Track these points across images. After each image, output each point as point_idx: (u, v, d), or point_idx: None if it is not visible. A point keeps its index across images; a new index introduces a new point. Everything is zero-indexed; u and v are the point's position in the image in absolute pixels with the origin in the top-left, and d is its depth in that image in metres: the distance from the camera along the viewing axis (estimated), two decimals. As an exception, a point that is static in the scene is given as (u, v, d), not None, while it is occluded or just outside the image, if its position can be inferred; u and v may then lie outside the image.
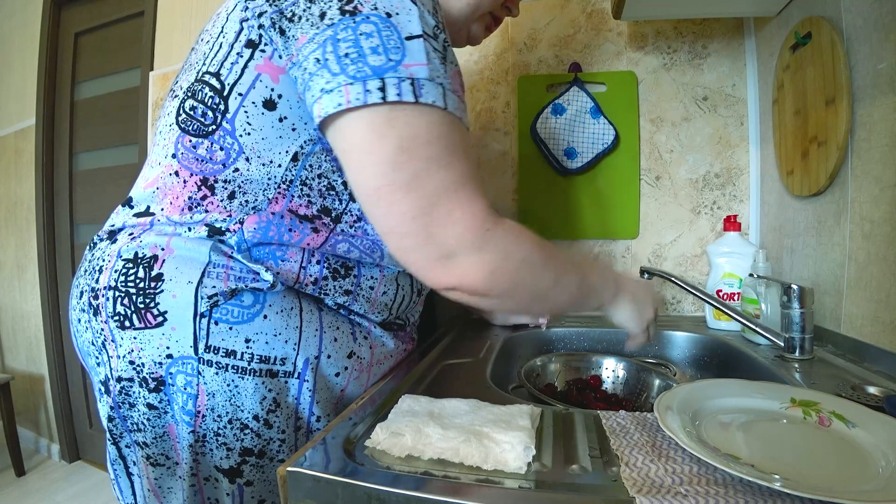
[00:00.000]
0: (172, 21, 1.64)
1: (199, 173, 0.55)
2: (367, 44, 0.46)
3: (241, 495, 0.55)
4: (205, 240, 0.54)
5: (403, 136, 0.46)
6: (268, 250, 0.55)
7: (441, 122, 0.48)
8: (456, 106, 0.50)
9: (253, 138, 0.54)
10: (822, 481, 0.36)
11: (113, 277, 0.53)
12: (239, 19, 0.54)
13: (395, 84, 0.46)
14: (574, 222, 1.11)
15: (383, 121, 0.46)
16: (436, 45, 0.49)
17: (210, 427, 0.53)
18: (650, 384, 0.75)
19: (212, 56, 0.56)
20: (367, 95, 0.45)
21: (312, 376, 0.56)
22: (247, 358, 0.52)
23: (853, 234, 0.70)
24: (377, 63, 0.46)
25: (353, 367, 0.60)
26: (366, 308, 0.62)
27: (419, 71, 0.47)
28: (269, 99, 0.53)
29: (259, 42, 0.52)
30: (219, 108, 0.54)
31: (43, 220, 2.00)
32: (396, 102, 0.46)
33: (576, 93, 1.08)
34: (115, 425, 0.56)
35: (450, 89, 0.49)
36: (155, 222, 0.57)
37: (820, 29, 0.74)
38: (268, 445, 0.54)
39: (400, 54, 0.46)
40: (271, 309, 0.54)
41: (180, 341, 0.51)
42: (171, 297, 0.51)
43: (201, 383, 0.52)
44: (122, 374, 0.53)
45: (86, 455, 2.09)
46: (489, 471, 0.40)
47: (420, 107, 0.47)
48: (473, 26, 0.69)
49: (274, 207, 0.55)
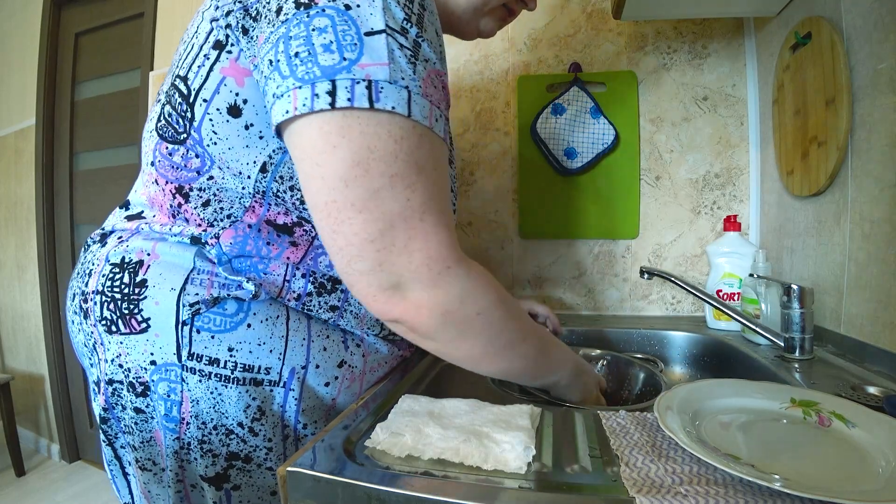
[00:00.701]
0: (172, 22, 1.64)
1: (175, 181, 0.54)
2: (319, 40, 0.41)
3: (228, 500, 0.54)
4: (190, 245, 0.53)
5: (358, 148, 0.40)
6: (249, 263, 0.53)
7: (406, 133, 0.42)
8: (426, 113, 0.43)
9: (220, 148, 0.50)
10: (822, 481, 0.36)
11: (100, 282, 0.53)
12: (210, 18, 0.50)
13: (346, 87, 0.40)
14: (574, 222, 1.11)
15: (335, 129, 0.40)
16: (403, 41, 0.42)
17: (194, 435, 0.52)
18: (635, 378, 0.76)
19: (184, 57, 0.53)
20: (314, 101, 0.40)
21: (299, 386, 0.54)
22: (230, 366, 0.51)
23: (853, 234, 0.70)
24: (328, 63, 0.40)
25: (343, 377, 0.58)
26: (353, 324, 0.59)
27: (377, 72, 0.40)
28: (234, 105, 0.49)
29: (226, 43, 0.48)
30: (186, 115, 0.51)
31: (43, 221, 2.00)
32: (348, 108, 0.40)
33: (576, 93, 1.08)
34: (110, 426, 0.56)
35: (418, 93, 0.43)
36: (142, 227, 0.56)
37: (820, 29, 0.74)
38: (254, 452, 0.53)
39: (356, 52, 0.40)
40: (255, 318, 0.52)
41: (164, 348, 0.50)
42: (153, 303, 0.51)
43: (185, 390, 0.51)
44: (113, 377, 0.53)
45: (86, 455, 2.08)
46: (489, 471, 0.40)
47: (378, 114, 0.41)
48: (483, 20, 0.64)
49: (251, 217, 0.53)
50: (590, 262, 1.12)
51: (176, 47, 0.60)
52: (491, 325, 0.48)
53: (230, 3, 0.48)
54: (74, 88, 1.98)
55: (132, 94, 1.78)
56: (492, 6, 0.62)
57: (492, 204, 1.18)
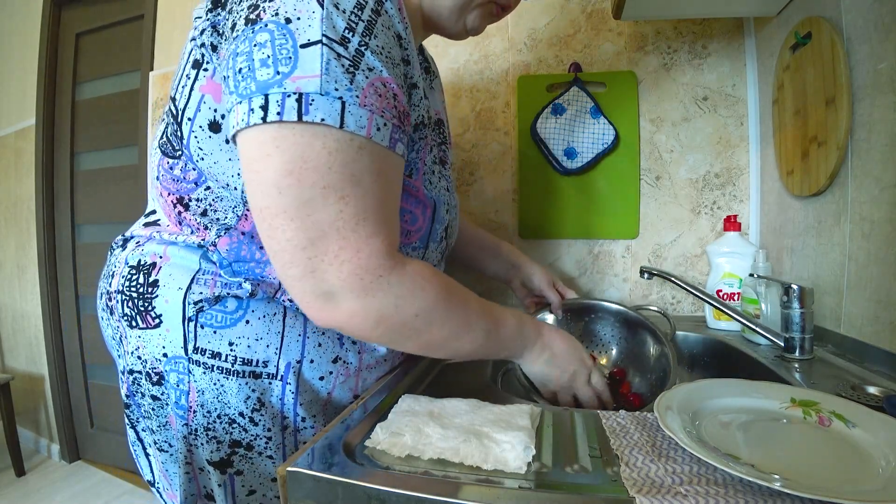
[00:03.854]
0: (172, 24, 1.64)
1: (176, 192, 0.58)
2: (258, 55, 0.42)
3: (232, 484, 0.57)
4: (196, 249, 0.57)
5: (290, 158, 0.42)
6: (246, 267, 0.56)
7: (341, 145, 0.43)
8: (363, 124, 0.43)
9: (207, 163, 0.54)
10: (822, 481, 0.36)
11: (120, 282, 0.58)
12: (190, 38, 0.53)
13: (277, 101, 0.41)
14: (574, 222, 1.11)
15: (269, 139, 0.42)
16: (342, 50, 0.43)
17: (201, 423, 0.55)
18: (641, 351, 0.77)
19: (175, 77, 0.56)
20: (249, 115, 0.42)
21: (295, 379, 0.56)
22: (230, 360, 0.54)
23: (853, 234, 0.70)
24: (263, 77, 0.42)
25: (338, 372, 0.60)
26: None
27: (308, 84, 0.41)
28: (214, 121, 0.52)
29: (202, 61, 0.51)
30: (177, 133, 0.55)
31: (43, 221, 2.00)
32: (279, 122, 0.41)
33: (576, 93, 1.08)
34: (132, 411, 0.61)
35: (355, 103, 0.43)
36: (155, 234, 0.60)
37: (820, 29, 0.74)
38: (255, 441, 0.56)
39: (290, 65, 0.41)
40: (254, 314, 0.55)
41: (173, 342, 0.55)
42: (164, 301, 0.55)
43: (192, 381, 0.55)
44: (133, 367, 0.57)
45: (86, 455, 2.09)
46: (489, 471, 0.40)
47: (311, 126, 0.42)
48: (470, 17, 0.62)
49: (244, 225, 0.56)
50: (590, 262, 1.12)
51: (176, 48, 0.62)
52: (430, 324, 0.50)
53: (204, 21, 0.51)
54: (75, 89, 1.98)
55: (132, 95, 1.78)
56: (478, 2, 0.61)
57: (492, 204, 1.18)
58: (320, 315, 0.47)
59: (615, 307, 0.82)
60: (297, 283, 0.45)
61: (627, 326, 0.81)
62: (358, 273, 0.44)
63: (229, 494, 0.57)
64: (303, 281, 0.45)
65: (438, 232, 0.66)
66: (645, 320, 0.78)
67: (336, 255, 0.44)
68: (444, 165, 0.67)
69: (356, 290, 0.45)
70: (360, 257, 0.44)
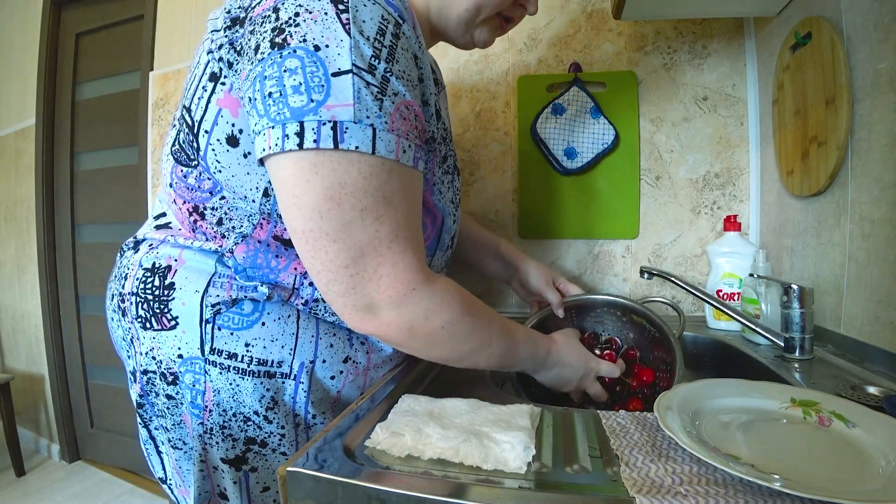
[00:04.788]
0: (172, 24, 1.63)
1: (191, 201, 0.59)
2: (289, 82, 0.43)
3: (247, 481, 0.59)
4: (212, 254, 0.58)
5: (330, 184, 0.44)
6: (262, 273, 0.58)
7: (375, 170, 0.45)
8: (391, 148, 0.46)
9: (224, 175, 0.55)
10: (822, 481, 0.36)
11: (135, 284, 0.59)
12: (207, 50, 0.54)
13: (313, 129, 0.43)
14: (574, 222, 1.11)
15: (308, 165, 0.44)
16: (370, 79, 0.45)
17: (216, 421, 0.57)
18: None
19: (190, 87, 0.57)
20: (284, 141, 0.43)
21: (308, 379, 0.59)
22: (246, 360, 0.56)
23: (853, 234, 0.70)
24: (297, 104, 0.43)
25: (348, 371, 0.62)
26: None
27: (342, 112, 0.43)
28: (232, 135, 0.53)
29: (220, 75, 0.52)
30: (193, 145, 0.56)
31: (43, 221, 2.00)
32: (316, 149, 0.43)
33: (576, 93, 1.08)
34: (145, 410, 0.62)
35: (384, 129, 0.45)
36: (168, 238, 0.61)
37: (820, 29, 0.74)
38: (269, 438, 0.58)
39: (324, 94, 0.43)
40: (269, 317, 0.57)
41: (189, 343, 0.56)
42: (180, 304, 0.56)
43: (208, 381, 0.56)
44: (147, 368, 0.58)
45: (86, 455, 2.09)
46: (489, 471, 0.40)
47: (346, 153, 0.44)
48: (477, 31, 0.64)
49: (260, 233, 0.57)
50: (590, 262, 1.12)
51: (176, 49, 0.62)
52: (454, 337, 0.53)
53: (222, 36, 0.51)
54: (75, 89, 1.97)
55: (132, 96, 1.78)
56: (484, 17, 0.62)
57: (491, 204, 1.18)
58: (361, 325, 0.50)
59: (622, 301, 0.80)
60: (340, 298, 0.48)
61: (632, 323, 0.81)
62: (395, 286, 0.48)
63: (244, 491, 0.59)
64: (345, 297, 0.48)
65: (445, 241, 0.68)
66: (651, 313, 0.77)
67: (375, 270, 0.47)
68: (455, 175, 0.68)
69: (393, 302, 0.48)
70: (396, 272, 0.48)
